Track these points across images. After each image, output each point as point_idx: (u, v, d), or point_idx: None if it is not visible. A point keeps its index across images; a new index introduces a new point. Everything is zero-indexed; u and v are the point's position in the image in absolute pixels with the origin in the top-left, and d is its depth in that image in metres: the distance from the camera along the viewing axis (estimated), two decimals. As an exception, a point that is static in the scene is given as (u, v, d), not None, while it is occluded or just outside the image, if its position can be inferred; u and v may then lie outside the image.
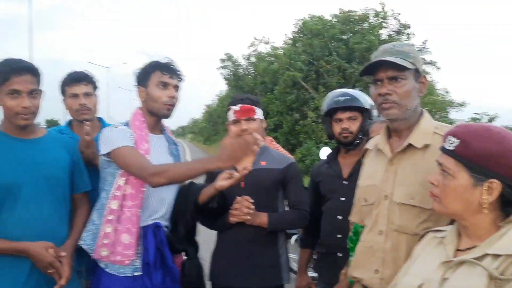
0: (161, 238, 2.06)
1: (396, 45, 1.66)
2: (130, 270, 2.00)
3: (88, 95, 2.54)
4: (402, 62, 1.57)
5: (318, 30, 15.95)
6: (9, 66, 1.88)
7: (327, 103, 2.40)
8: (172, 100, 2.12)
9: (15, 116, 1.90)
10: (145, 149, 2.03)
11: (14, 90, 1.87)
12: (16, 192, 1.89)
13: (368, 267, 1.64)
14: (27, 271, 1.89)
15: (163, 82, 2.10)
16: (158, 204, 2.10)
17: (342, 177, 2.37)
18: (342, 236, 2.19)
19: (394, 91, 1.59)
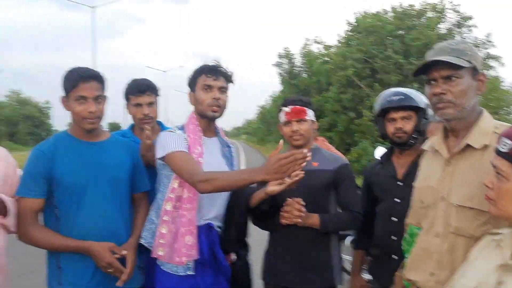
0: (213, 238, 2.12)
1: (451, 43, 1.62)
2: (183, 269, 2.06)
3: (151, 104, 2.64)
4: (457, 61, 1.53)
5: (373, 27, 15.58)
6: (77, 74, 2.02)
7: (380, 103, 2.36)
8: (217, 101, 2.17)
9: (82, 120, 2.04)
10: (198, 153, 2.10)
11: (81, 96, 2.01)
12: (81, 192, 2.02)
13: (424, 270, 1.61)
14: (93, 267, 2.01)
15: (207, 84, 2.16)
16: (210, 205, 2.17)
17: (396, 177, 2.32)
18: (397, 238, 2.15)
19: (449, 91, 1.56)
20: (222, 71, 2.21)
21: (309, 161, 2.30)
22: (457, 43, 1.61)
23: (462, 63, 1.54)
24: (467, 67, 1.55)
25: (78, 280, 2.01)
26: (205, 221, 2.14)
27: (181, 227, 2.05)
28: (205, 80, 2.17)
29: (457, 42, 1.63)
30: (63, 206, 2.02)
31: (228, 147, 2.34)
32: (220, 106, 2.19)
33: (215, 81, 2.17)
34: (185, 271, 2.06)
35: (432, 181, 1.65)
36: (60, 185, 2.01)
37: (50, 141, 2.11)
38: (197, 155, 2.09)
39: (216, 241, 2.13)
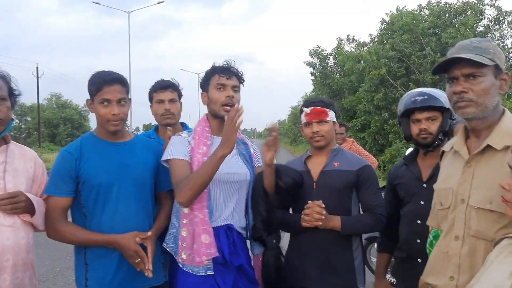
0: (234, 238, 2.13)
1: (473, 41, 1.57)
2: (204, 269, 2.08)
3: (173, 101, 2.74)
4: (479, 59, 1.49)
5: (408, 25, 15.23)
6: (101, 78, 2.09)
7: (404, 103, 2.31)
8: (231, 99, 2.17)
9: (106, 122, 2.11)
10: (202, 152, 2.13)
11: (105, 99, 2.07)
12: (107, 191, 2.09)
13: (443, 274, 1.57)
14: (116, 264, 2.08)
15: (220, 83, 2.18)
16: (224, 203, 2.17)
17: (421, 179, 2.27)
18: (421, 241, 2.10)
19: (470, 89, 1.51)
20: (235, 70, 2.23)
21: (331, 161, 2.30)
22: (479, 41, 1.57)
23: (484, 61, 1.49)
24: (489, 65, 1.50)
25: (103, 277, 2.08)
26: (224, 221, 2.15)
27: (196, 228, 2.07)
28: (218, 80, 2.18)
29: (479, 40, 1.59)
30: (89, 204, 2.10)
31: (244, 144, 2.34)
32: (233, 105, 2.17)
33: (228, 80, 2.19)
34: (205, 271, 2.08)
35: (452, 183, 1.60)
36: (86, 185, 2.09)
37: (77, 142, 2.19)
38: (202, 155, 2.12)
39: (238, 243, 2.15)
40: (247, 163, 2.27)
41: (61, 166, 2.10)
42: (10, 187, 1.92)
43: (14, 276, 1.87)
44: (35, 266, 2.09)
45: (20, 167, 2.01)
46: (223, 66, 2.22)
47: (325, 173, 2.29)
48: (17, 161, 2.01)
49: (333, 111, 2.34)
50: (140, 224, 2.12)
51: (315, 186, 2.28)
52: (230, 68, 2.22)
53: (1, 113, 1.90)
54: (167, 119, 2.70)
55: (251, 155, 2.30)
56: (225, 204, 2.17)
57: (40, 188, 2.11)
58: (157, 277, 2.18)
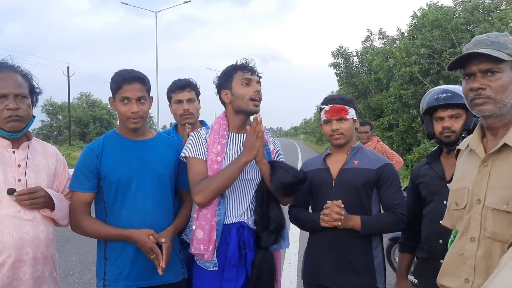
0: (245, 238, 2.13)
1: (490, 36, 1.52)
2: (211, 264, 2.11)
3: (191, 101, 2.75)
4: (497, 54, 1.43)
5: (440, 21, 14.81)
6: (121, 76, 2.13)
7: (426, 101, 2.25)
8: (259, 94, 2.18)
9: (126, 120, 2.15)
10: (215, 152, 2.14)
11: (124, 97, 2.12)
12: (126, 187, 2.13)
13: (458, 276, 1.52)
14: (132, 259, 2.12)
15: (246, 78, 2.18)
16: (238, 200, 2.19)
17: (444, 179, 2.21)
18: (443, 242, 2.06)
19: (488, 85, 1.46)
20: (254, 67, 2.24)
21: (350, 159, 2.27)
22: (497, 36, 1.51)
23: (503, 56, 1.44)
24: (507, 60, 1.45)
25: (120, 271, 2.13)
26: (237, 218, 2.17)
27: (198, 222, 2.12)
28: (243, 75, 2.18)
29: (497, 34, 1.53)
30: (109, 200, 2.15)
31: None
32: (260, 99, 2.21)
33: (252, 75, 2.20)
34: (213, 266, 2.11)
35: (467, 183, 1.55)
36: (107, 181, 2.13)
37: (99, 140, 2.25)
38: (215, 154, 2.13)
39: (247, 241, 2.14)
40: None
41: (84, 162, 2.15)
42: (31, 183, 1.97)
43: (35, 269, 1.93)
44: (59, 260, 2.14)
45: (41, 163, 2.06)
46: (243, 63, 2.23)
47: (345, 171, 2.27)
48: (39, 157, 2.07)
49: (353, 108, 2.31)
50: (158, 221, 2.15)
51: (334, 184, 2.26)
52: (250, 65, 2.23)
53: (22, 111, 1.95)
54: (186, 119, 2.73)
55: (269, 152, 2.28)
56: (239, 202, 2.19)
57: (61, 184, 2.17)
58: (174, 274, 2.21)
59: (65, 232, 6.22)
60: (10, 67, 1.98)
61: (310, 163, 2.43)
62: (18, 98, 1.94)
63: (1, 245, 1.84)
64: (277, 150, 2.35)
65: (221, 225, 2.12)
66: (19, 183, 1.94)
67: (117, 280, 2.13)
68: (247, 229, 2.16)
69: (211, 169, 2.12)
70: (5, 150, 1.97)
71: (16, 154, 1.99)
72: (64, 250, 5.98)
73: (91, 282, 4.91)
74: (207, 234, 2.09)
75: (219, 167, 2.11)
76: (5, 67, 1.97)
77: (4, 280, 1.84)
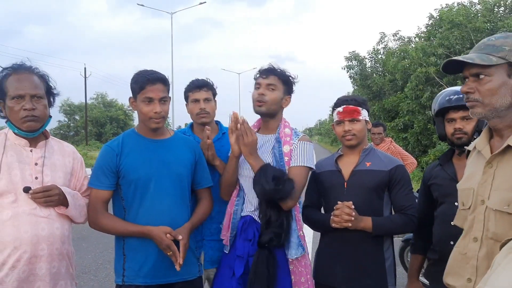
0: (254, 231, 2.24)
1: (491, 38, 1.52)
2: (227, 249, 2.35)
3: (208, 100, 2.79)
4: (481, 60, 1.44)
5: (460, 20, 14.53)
6: (145, 77, 2.18)
7: (438, 102, 2.25)
8: (261, 97, 2.31)
9: (149, 120, 2.20)
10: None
11: (148, 98, 2.17)
12: (145, 186, 2.18)
13: (461, 275, 1.53)
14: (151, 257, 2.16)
15: (257, 83, 2.36)
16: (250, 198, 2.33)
17: (456, 180, 2.19)
18: (454, 243, 2.03)
19: (477, 89, 1.48)
20: (274, 71, 2.36)
21: (362, 161, 2.28)
22: (496, 38, 1.51)
23: (487, 61, 1.44)
24: (497, 64, 1.44)
25: (139, 268, 2.17)
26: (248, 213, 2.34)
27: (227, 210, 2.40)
28: (257, 80, 2.37)
29: (498, 36, 1.53)
30: (128, 198, 2.20)
31: (279, 142, 2.32)
32: (263, 101, 2.30)
33: (264, 79, 2.33)
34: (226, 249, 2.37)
35: (473, 183, 1.56)
36: (126, 179, 2.18)
37: (118, 139, 2.30)
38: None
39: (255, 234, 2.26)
40: (276, 162, 2.27)
41: (103, 160, 2.20)
42: (48, 181, 2.03)
43: (51, 265, 1.98)
44: (75, 257, 2.19)
45: (58, 161, 2.12)
46: (263, 67, 2.39)
47: (357, 172, 2.27)
48: (56, 156, 2.12)
49: (366, 109, 2.32)
50: (176, 220, 2.19)
51: (346, 185, 2.27)
52: (270, 68, 2.37)
53: (38, 111, 2.01)
54: (202, 118, 2.77)
55: (281, 153, 2.28)
56: (252, 197, 2.30)
57: (78, 182, 2.22)
58: (190, 272, 2.25)
59: (80, 230, 6.34)
60: (27, 69, 2.04)
61: (322, 164, 2.44)
62: (35, 99, 2.00)
63: (18, 241, 1.90)
64: (294, 155, 2.27)
65: (238, 215, 2.34)
66: (36, 181, 2.00)
67: (136, 277, 2.17)
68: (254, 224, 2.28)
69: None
70: (22, 148, 2.03)
71: (34, 152, 2.05)
72: (80, 248, 6.08)
73: (106, 280, 4.99)
74: (227, 222, 2.36)
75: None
76: (22, 68, 2.03)
77: (20, 275, 1.91)
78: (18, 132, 2.02)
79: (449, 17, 14.89)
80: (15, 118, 1.99)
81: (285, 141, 2.31)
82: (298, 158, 2.27)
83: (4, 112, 2.04)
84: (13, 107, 1.98)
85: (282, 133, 2.34)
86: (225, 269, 2.32)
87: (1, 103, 2.03)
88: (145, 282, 2.16)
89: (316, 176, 2.40)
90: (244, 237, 2.28)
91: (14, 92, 1.97)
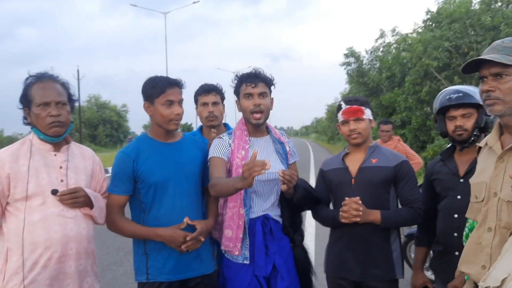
0: (271, 227, 2.35)
1: (505, 41, 1.63)
2: (241, 258, 2.33)
3: (216, 104, 2.92)
4: (505, 59, 1.54)
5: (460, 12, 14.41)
6: (165, 80, 2.29)
7: (439, 101, 2.36)
8: (258, 107, 2.33)
9: (169, 122, 2.30)
10: (241, 157, 2.33)
11: (169, 101, 2.27)
12: (164, 188, 2.28)
13: (476, 263, 1.64)
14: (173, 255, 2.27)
15: (247, 93, 2.35)
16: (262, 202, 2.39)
17: (458, 175, 2.31)
18: (458, 235, 2.16)
19: (497, 88, 1.58)
20: (261, 77, 2.37)
21: (368, 158, 2.37)
22: (510, 41, 1.62)
23: (510, 61, 1.54)
24: None
25: (162, 266, 2.28)
26: (263, 212, 2.38)
27: (225, 222, 2.35)
28: (246, 89, 2.36)
29: (510, 39, 1.64)
30: (147, 201, 2.30)
31: (281, 143, 2.48)
32: (261, 111, 2.35)
33: (254, 88, 2.34)
34: (243, 260, 2.33)
35: (485, 177, 1.66)
36: (144, 183, 2.28)
37: (133, 144, 2.39)
38: (240, 159, 2.32)
39: (276, 230, 2.37)
40: (283, 161, 2.44)
41: (119, 167, 2.29)
42: (72, 183, 2.13)
43: (78, 263, 2.09)
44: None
45: (80, 165, 2.22)
46: (249, 74, 2.37)
47: (363, 169, 2.37)
48: (77, 160, 2.22)
49: (369, 109, 2.42)
50: (195, 217, 2.30)
51: (353, 182, 2.37)
52: (256, 75, 2.36)
53: (63, 117, 2.10)
54: (211, 121, 2.89)
55: (287, 153, 2.46)
56: (264, 199, 2.38)
57: (98, 184, 2.32)
58: (207, 266, 2.37)
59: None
60: (50, 77, 2.14)
61: (329, 162, 2.55)
62: (59, 105, 2.10)
63: (49, 241, 2.00)
64: (292, 151, 2.52)
65: (247, 223, 2.31)
66: (61, 183, 2.10)
67: (159, 274, 2.27)
68: (272, 220, 2.37)
69: (237, 173, 2.29)
70: (47, 153, 2.13)
71: (58, 156, 2.14)
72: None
73: (114, 281, 5.04)
74: (235, 233, 2.30)
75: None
76: (46, 77, 2.13)
77: (52, 273, 2.01)
78: (44, 138, 2.11)
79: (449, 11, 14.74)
80: (41, 124, 2.08)
81: (283, 140, 2.49)
82: (294, 155, 2.51)
83: (29, 118, 2.13)
84: (39, 114, 2.07)
85: (276, 134, 2.49)
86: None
87: (26, 110, 2.12)
88: (168, 279, 2.27)
89: (324, 173, 2.52)
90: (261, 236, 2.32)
91: (40, 99, 2.06)
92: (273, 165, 2.30)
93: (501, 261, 1.35)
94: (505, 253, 1.36)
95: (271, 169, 2.26)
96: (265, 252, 2.32)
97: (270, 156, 2.38)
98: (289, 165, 2.47)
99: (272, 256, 2.33)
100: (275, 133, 2.50)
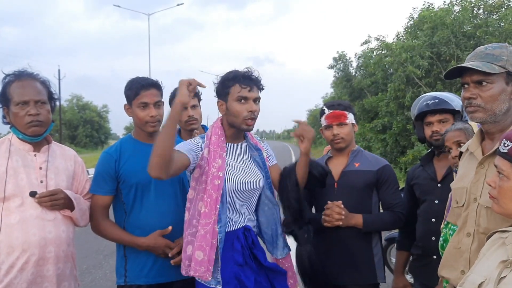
0: (253, 238, 2.14)
1: (488, 48, 1.63)
2: (214, 282, 2.02)
3: (195, 107, 2.89)
4: (487, 67, 1.56)
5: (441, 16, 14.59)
6: (139, 83, 2.26)
7: (417, 107, 2.42)
8: (254, 114, 2.09)
9: (145, 124, 2.27)
10: (217, 166, 2.04)
11: (143, 103, 2.24)
12: (145, 188, 2.25)
13: (456, 268, 1.65)
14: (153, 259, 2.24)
15: (242, 96, 2.05)
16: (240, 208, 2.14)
17: (436, 179, 2.36)
18: (436, 239, 2.18)
19: (478, 95, 1.59)
20: (256, 80, 2.12)
21: (351, 162, 2.39)
22: (494, 48, 1.63)
23: (492, 69, 1.56)
24: (499, 73, 1.56)
25: (141, 269, 2.25)
26: (242, 224, 2.13)
27: (196, 241, 2.01)
28: (240, 91, 2.07)
29: (495, 46, 1.64)
30: (129, 201, 2.27)
31: (258, 150, 2.26)
32: (255, 119, 2.13)
33: (250, 92, 2.08)
34: (216, 284, 2.02)
35: (466, 182, 1.68)
36: (126, 183, 2.25)
37: (116, 145, 2.36)
38: (217, 169, 2.04)
39: (256, 242, 2.15)
40: (260, 169, 2.21)
41: (102, 167, 2.26)
42: (52, 184, 2.09)
43: (56, 267, 2.04)
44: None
45: (61, 165, 2.18)
46: (245, 74, 2.09)
47: (346, 173, 2.39)
48: (58, 160, 2.18)
49: (352, 113, 2.44)
50: (177, 220, 2.25)
51: (336, 186, 2.38)
52: (251, 77, 2.10)
53: (42, 116, 2.06)
54: (191, 124, 2.85)
55: (264, 160, 2.26)
56: (241, 209, 2.15)
57: (80, 185, 2.28)
58: None
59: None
60: (30, 75, 2.10)
61: None
62: (38, 104, 2.05)
63: (26, 244, 1.96)
64: (270, 155, 2.32)
65: (222, 242, 2.03)
66: (41, 184, 2.06)
67: (138, 277, 2.25)
68: (252, 231, 2.16)
69: (212, 184, 2.01)
70: (27, 153, 2.08)
71: (38, 157, 2.10)
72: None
73: (93, 285, 4.98)
74: (207, 254, 1.98)
75: (220, 182, 2.02)
76: (25, 75, 2.09)
77: (29, 276, 1.96)
78: (23, 137, 2.07)
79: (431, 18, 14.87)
80: (20, 123, 2.03)
81: (261, 147, 2.29)
82: (273, 157, 2.33)
83: (8, 118, 2.08)
84: (18, 113, 2.02)
85: (253, 140, 2.28)
86: None
87: (5, 110, 2.08)
88: (147, 282, 2.24)
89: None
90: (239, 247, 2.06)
91: (18, 98, 2.02)
92: (251, 174, 2.17)
93: (478, 265, 1.37)
94: (482, 257, 1.39)
95: (250, 178, 2.14)
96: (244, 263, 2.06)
97: (246, 165, 2.19)
98: (269, 167, 2.25)
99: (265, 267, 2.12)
100: (252, 138, 2.27)
